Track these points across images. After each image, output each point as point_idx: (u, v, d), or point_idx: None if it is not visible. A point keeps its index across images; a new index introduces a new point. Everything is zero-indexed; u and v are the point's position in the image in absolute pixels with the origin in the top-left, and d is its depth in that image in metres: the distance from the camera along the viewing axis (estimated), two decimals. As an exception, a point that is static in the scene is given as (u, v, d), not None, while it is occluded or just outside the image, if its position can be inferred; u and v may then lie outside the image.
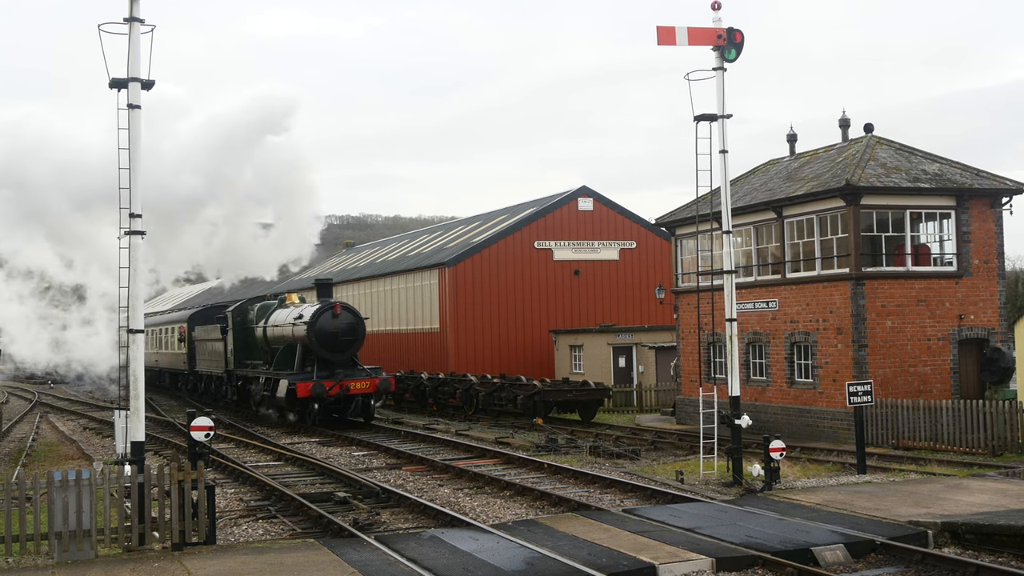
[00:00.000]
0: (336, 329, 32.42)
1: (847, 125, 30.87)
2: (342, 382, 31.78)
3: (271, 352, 36.01)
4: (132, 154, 14.52)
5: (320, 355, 32.26)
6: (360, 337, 33.26)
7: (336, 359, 32.53)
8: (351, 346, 33.00)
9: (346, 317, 32.93)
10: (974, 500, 15.47)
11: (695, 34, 19.04)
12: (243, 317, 38.97)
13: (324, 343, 32.30)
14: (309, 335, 32.23)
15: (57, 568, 12.62)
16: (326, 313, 32.48)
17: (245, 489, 20.02)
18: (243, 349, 38.57)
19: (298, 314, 33.51)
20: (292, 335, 33.84)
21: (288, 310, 35.32)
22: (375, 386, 32.61)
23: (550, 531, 14.02)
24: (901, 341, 26.22)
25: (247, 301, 40.32)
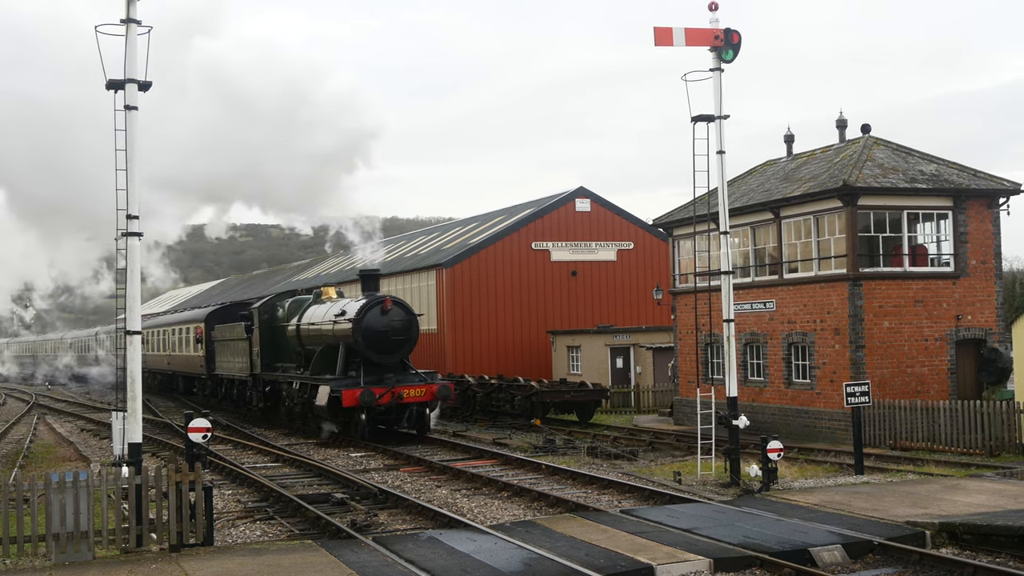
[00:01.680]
0: (386, 327, 28.14)
1: (844, 126, 30.89)
2: (394, 388, 27.38)
3: (305, 354, 31.84)
4: (129, 155, 14.51)
5: (367, 357, 27.99)
6: (413, 337, 28.93)
7: (385, 362, 28.21)
8: (403, 347, 28.64)
9: (397, 313, 28.62)
10: (971, 500, 15.48)
11: (692, 35, 19.05)
12: (271, 314, 34.77)
13: (372, 343, 28.00)
14: (355, 334, 27.87)
15: (54, 570, 12.61)
16: (374, 309, 28.16)
17: (243, 490, 20.01)
18: (271, 350, 34.45)
19: (340, 310, 29.28)
20: (333, 334, 29.51)
21: (326, 306, 31.16)
22: (432, 393, 28.10)
23: (548, 532, 14.02)
24: (898, 342, 26.24)
25: (275, 296, 36.10)
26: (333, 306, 30.32)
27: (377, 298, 28.63)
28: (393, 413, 28.08)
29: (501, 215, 52.77)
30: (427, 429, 28.48)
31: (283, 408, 32.52)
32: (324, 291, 33.00)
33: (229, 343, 38.73)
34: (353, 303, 29.11)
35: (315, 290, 33.95)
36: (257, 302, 37.10)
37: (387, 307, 28.27)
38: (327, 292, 32.91)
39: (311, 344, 31.38)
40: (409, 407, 27.91)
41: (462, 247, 46.72)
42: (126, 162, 14.50)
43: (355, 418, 27.22)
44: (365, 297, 29.08)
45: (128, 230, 14.53)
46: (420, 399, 27.92)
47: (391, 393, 27.29)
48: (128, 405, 14.49)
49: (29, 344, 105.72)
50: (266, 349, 34.50)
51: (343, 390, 26.82)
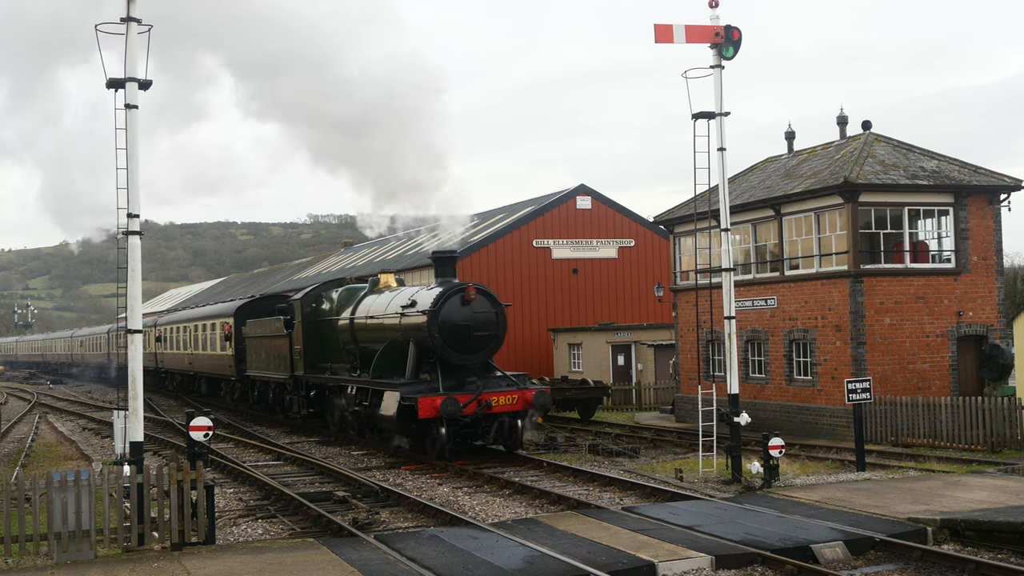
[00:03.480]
0: (468, 320, 23.16)
1: (845, 122, 30.87)
2: (481, 396, 22.54)
3: (361, 353, 27.03)
4: (130, 154, 14.50)
5: (444, 357, 23.02)
6: (501, 333, 23.79)
7: (468, 363, 23.26)
8: (488, 345, 23.51)
9: (482, 303, 23.48)
10: (973, 497, 15.47)
11: (692, 32, 19.03)
12: (316, 307, 30.23)
13: (452, 340, 23.01)
14: (429, 329, 22.87)
15: (56, 568, 12.61)
16: (453, 298, 23.16)
17: (244, 489, 20.01)
18: (316, 348, 29.85)
19: (408, 300, 24.38)
20: (400, 329, 24.54)
21: (387, 295, 26.43)
22: (527, 401, 23.05)
23: (549, 529, 14.02)
24: (900, 338, 26.23)
25: (320, 286, 31.20)
26: (397, 295, 25.62)
27: (456, 285, 23.56)
28: (479, 425, 23.05)
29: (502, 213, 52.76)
30: (519, 444, 23.45)
31: (332, 416, 28.61)
32: (382, 278, 28.61)
33: (263, 341, 34.22)
34: (425, 292, 24.21)
35: (370, 278, 29.50)
36: (297, 293, 32.35)
37: (470, 296, 23.17)
38: (385, 279, 28.56)
39: (369, 341, 26.63)
40: (498, 418, 22.99)
41: (464, 244, 46.70)
42: (127, 161, 14.49)
43: (432, 431, 22.34)
44: (440, 284, 23.99)
45: (129, 229, 14.53)
46: (511, 408, 22.96)
47: (478, 401, 22.43)
48: (129, 404, 14.49)
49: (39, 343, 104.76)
50: (310, 347, 29.96)
51: (419, 397, 21.88)
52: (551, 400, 24.24)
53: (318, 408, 29.67)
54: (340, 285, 30.36)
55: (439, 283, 24.04)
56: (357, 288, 29.13)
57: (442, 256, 24.77)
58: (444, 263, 24.65)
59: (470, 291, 23.21)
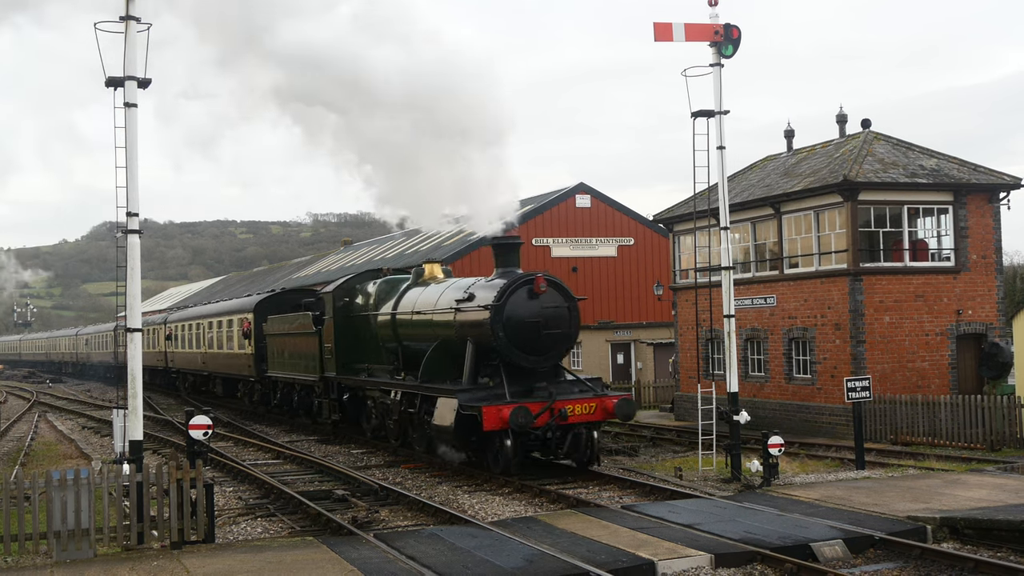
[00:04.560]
0: (537, 316, 19.90)
1: (844, 121, 30.88)
2: (555, 405, 19.28)
3: (404, 352, 23.88)
4: (129, 153, 14.51)
5: (510, 359, 19.91)
6: (574, 331, 20.63)
7: (537, 367, 20.12)
8: (559, 345, 20.40)
9: (552, 297, 20.22)
10: (972, 495, 15.48)
11: (692, 30, 19.02)
12: (349, 301, 27.02)
13: (518, 340, 19.81)
14: (493, 327, 19.70)
15: (56, 567, 12.61)
16: (520, 291, 19.92)
17: (244, 487, 20.02)
18: (350, 347, 26.63)
19: (465, 293, 21.10)
20: (454, 326, 21.21)
21: (435, 288, 23.12)
22: (608, 410, 19.80)
23: (549, 528, 14.02)
24: (899, 336, 26.24)
25: (354, 278, 27.91)
26: (449, 288, 22.29)
27: (522, 276, 20.20)
28: (550, 437, 19.68)
29: (501, 211, 52.74)
30: (595, 459, 20.27)
31: (369, 423, 25.70)
32: (427, 268, 25.01)
33: (287, 338, 31.20)
34: (484, 283, 20.96)
35: (413, 268, 25.73)
36: (328, 285, 29.23)
37: (539, 288, 19.93)
38: (431, 270, 24.93)
39: (415, 340, 23.44)
40: (572, 429, 19.78)
41: (462, 243, 46.69)
42: (126, 159, 14.50)
43: (497, 444, 19.25)
44: (502, 275, 20.64)
45: (128, 227, 14.54)
46: (588, 418, 19.70)
47: (552, 411, 19.19)
48: (129, 403, 14.49)
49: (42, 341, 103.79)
50: (343, 345, 26.78)
51: (484, 406, 18.70)
52: (634, 409, 20.63)
53: (351, 413, 26.67)
54: (377, 276, 27.10)
55: (500, 273, 20.76)
56: (398, 280, 25.81)
57: (504, 242, 21.09)
58: (507, 250, 21.04)
59: (539, 283, 19.91)
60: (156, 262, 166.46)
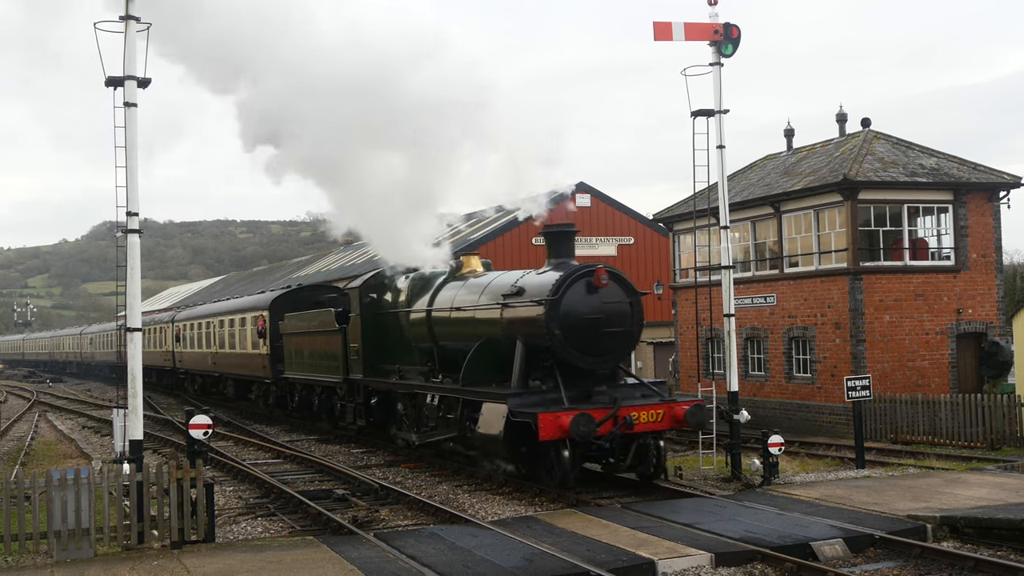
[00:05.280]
0: (597, 313, 17.84)
1: (844, 120, 30.89)
2: (620, 412, 17.08)
3: (440, 352, 21.89)
4: (129, 152, 14.52)
5: (566, 360, 17.79)
6: (637, 330, 18.57)
7: (597, 369, 18.05)
8: (621, 344, 18.37)
9: (613, 291, 18.13)
10: (973, 494, 15.48)
11: (692, 30, 19.02)
12: (376, 297, 25.02)
13: (576, 339, 17.73)
14: (548, 324, 17.63)
15: (56, 567, 12.62)
16: (577, 285, 17.89)
17: (244, 487, 20.03)
18: (378, 347, 24.57)
19: (513, 287, 19.15)
20: (500, 324, 19.25)
21: (477, 282, 21.14)
22: (677, 418, 17.63)
23: (549, 527, 14.03)
24: (899, 335, 26.24)
25: (382, 272, 25.70)
26: (493, 282, 20.44)
27: (579, 268, 18.20)
28: (612, 448, 17.65)
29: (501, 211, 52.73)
30: (661, 472, 18.11)
31: (399, 429, 23.55)
32: (466, 261, 23.02)
33: (307, 337, 29.11)
34: (534, 276, 19.06)
35: (450, 261, 23.55)
36: (354, 280, 27.05)
37: (599, 281, 17.85)
38: (469, 263, 22.89)
39: (453, 339, 21.42)
40: (636, 439, 17.67)
41: (462, 243, 46.68)
42: (126, 159, 14.51)
43: (553, 454, 17.03)
44: (556, 266, 18.73)
45: (128, 227, 14.55)
46: (655, 426, 17.50)
47: (617, 419, 16.99)
48: (129, 402, 14.50)
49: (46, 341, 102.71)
50: (370, 345, 24.65)
51: (540, 413, 16.43)
52: (708, 415, 18.64)
53: (381, 418, 24.51)
54: (409, 271, 24.91)
55: (554, 265, 18.83)
56: (433, 274, 23.71)
57: (558, 231, 19.21)
58: (560, 240, 19.08)
59: (600, 275, 17.78)
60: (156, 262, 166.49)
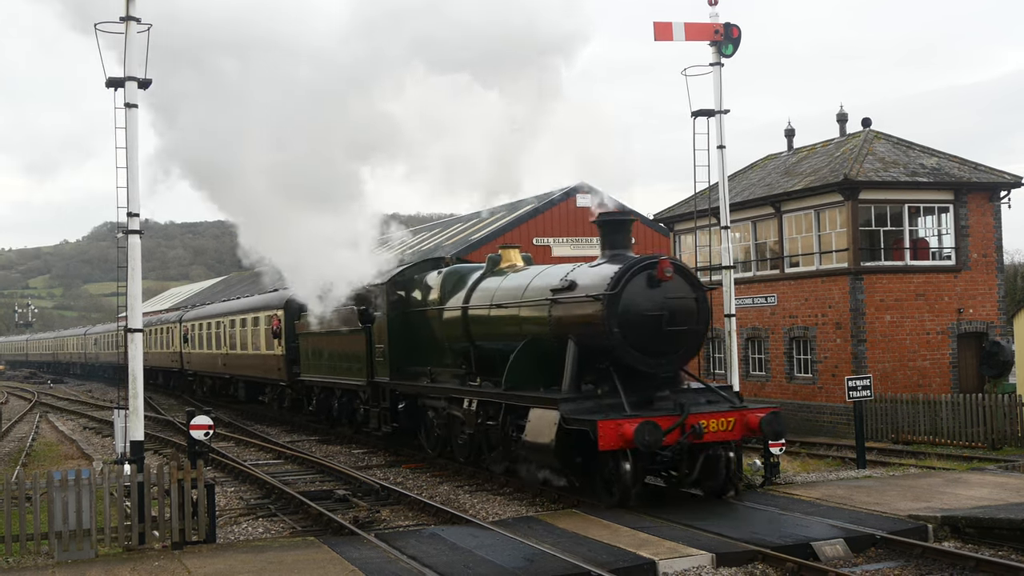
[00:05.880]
0: (661, 310, 16.01)
1: (845, 119, 30.89)
2: (689, 419, 15.24)
3: (478, 353, 20.09)
4: (130, 153, 14.53)
5: (626, 362, 16.00)
6: (703, 328, 16.77)
7: (659, 371, 16.28)
8: (687, 344, 16.60)
9: (678, 286, 16.31)
10: (974, 494, 15.47)
11: (692, 30, 19.02)
12: (404, 294, 23.14)
13: (637, 338, 15.94)
14: (606, 321, 15.84)
15: (57, 567, 12.62)
16: (638, 278, 16.02)
17: (245, 487, 20.02)
18: (407, 347, 22.83)
19: (563, 281, 17.29)
20: (549, 322, 17.39)
21: (519, 277, 19.41)
22: (751, 427, 15.83)
23: (550, 528, 14.02)
24: (900, 335, 26.24)
25: (411, 267, 24.09)
26: (539, 276, 18.71)
27: (639, 260, 16.30)
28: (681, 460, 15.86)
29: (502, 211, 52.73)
30: (732, 487, 16.11)
31: (429, 436, 21.96)
32: (503, 255, 21.16)
33: (326, 337, 27.41)
34: (587, 269, 17.28)
35: (488, 255, 21.95)
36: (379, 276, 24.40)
37: (663, 274, 15.96)
38: (509, 257, 21.09)
39: (492, 339, 19.65)
40: (705, 450, 15.74)
41: (463, 243, 46.67)
42: (127, 160, 14.51)
43: (612, 466, 15.30)
44: (611, 258, 16.95)
45: (129, 228, 14.56)
46: (726, 436, 15.64)
47: (685, 427, 15.16)
48: (130, 403, 14.50)
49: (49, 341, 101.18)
50: (398, 346, 22.91)
51: (600, 420, 14.80)
52: (783, 425, 16.67)
53: (409, 423, 22.71)
54: (437, 266, 23.29)
55: (609, 257, 17.03)
56: (467, 269, 22.11)
57: (613, 219, 17.45)
58: (616, 229, 17.32)
59: (664, 267, 15.93)
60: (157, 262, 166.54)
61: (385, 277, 23.59)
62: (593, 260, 17.78)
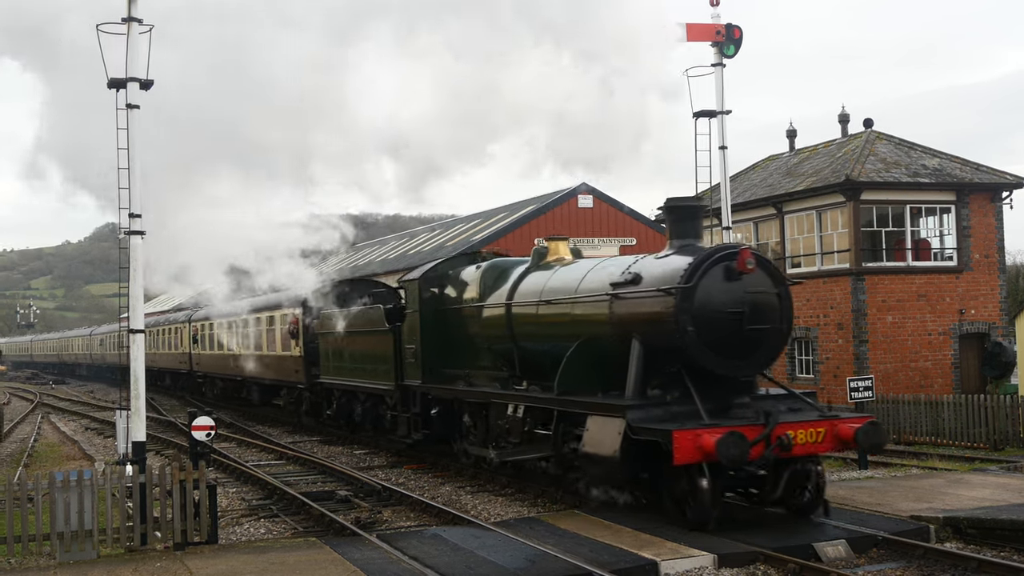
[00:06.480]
0: (741, 306, 14.25)
1: (846, 120, 30.89)
2: (776, 430, 13.43)
3: (522, 354, 18.43)
4: (131, 153, 14.54)
5: (701, 364, 14.24)
6: (787, 327, 15.09)
7: (738, 375, 14.70)
8: (770, 345, 14.80)
9: (759, 279, 14.51)
10: (976, 495, 15.46)
11: (693, 30, 19.03)
12: (437, 291, 21.34)
13: (713, 338, 14.21)
14: (679, 319, 14.08)
15: (59, 568, 12.62)
16: (715, 270, 14.26)
17: (247, 488, 20.03)
18: (440, 348, 21.01)
19: (625, 274, 15.41)
20: (610, 320, 15.58)
21: (571, 270, 17.54)
22: (843, 438, 14.03)
23: (551, 528, 14.01)
24: (902, 336, 26.22)
25: (444, 263, 22.15)
26: (595, 269, 16.82)
27: (717, 250, 14.56)
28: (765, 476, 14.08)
29: (503, 212, 52.75)
30: (820, 505, 14.13)
31: (463, 444, 20.33)
32: (551, 247, 19.17)
33: (349, 338, 25.77)
34: (652, 261, 15.53)
35: (534, 248, 19.82)
36: (411, 272, 23.14)
37: (744, 265, 14.12)
38: (556, 249, 19.05)
39: (539, 339, 17.94)
40: (792, 464, 13.92)
41: (465, 244, 46.69)
42: (128, 160, 14.53)
43: (685, 482, 13.55)
44: (682, 249, 15.11)
45: (131, 228, 14.58)
46: (815, 449, 13.88)
47: (772, 439, 13.36)
48: (132, 404, 14.52)
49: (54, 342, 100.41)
50: (430, 347, 21.14)
51: (676, 430, 13.01)
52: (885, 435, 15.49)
53: (442, 430, 20.99)
54: (472, 260, 21.52)
55: (678, 247, 15.23)
56: (509, 263, 20.30)
57: (682, 205, 15.52)
58: (685, 216, 15.44)
59: (745, 258, 14.10)
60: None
61: (417, 273, 22.06)
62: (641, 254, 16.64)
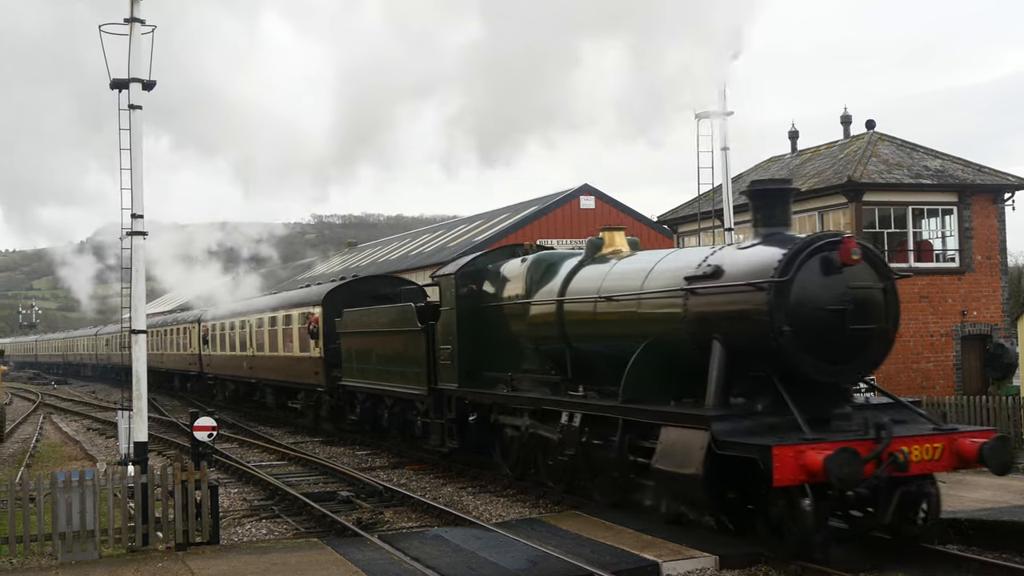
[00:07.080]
0: (843, 303, 12.30)
1: (848, 121, 30.88)
2: (892, 445, 11.50)
3: (575, 356, 16.68)
4: (133, 155, 14.56)
5: (797, 369, 12.32)
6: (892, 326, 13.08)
7: (840, 381, 12.84)
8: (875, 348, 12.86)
9: (862, 273, 12.58)
10: (977, 496, 15.46)
11: (696, 31, 19.00)
12: (475, 288, 19.54)
13: (812, 340, 12.24)
14: (772, 317, 12.16)
15: (61, 569, 12.64)
16: (813, 260, 12.28)
17: (248, 489, 20.06)
18: (479, 349, 19.21)
19: (703, 267, 13.53)
20: (683, 318, 13.71)
21: (633, 262, 15.81)
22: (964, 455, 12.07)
23: (553, 529, 14.02)
24: (904, 337, 26.20)
25: (483, 256, 20.50)
26: (664, 261, 14.95)
27: (816, 239, 12.58)
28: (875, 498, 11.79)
29: (505, 213, 52.79)
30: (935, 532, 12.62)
31: (507, 456, 18.84)
32: (607, 238, 17.17)
33: (374, 338, 24.00)
34: (734, 251, 13.59)
35: (588, 240, 17.68)
36: (445, 267, 21.34)
37: (848, 256, 12.18)
38: (613, 240, 17.13)
39: (595, 339, 16.16)
40: (904, 485, 11.84)
41: (467, 245, 46.70)
42: (130, 161, 14.55)
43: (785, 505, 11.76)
44: (766, 237, 13.23)
45: (133, 229, 14.60)
46: (932, 467, 12.07)
47: (885, 456, 11.50)
48: (134, 404, 14.53)
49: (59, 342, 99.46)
50: (467, 348, 19.35)
51: (775, 447, 11.07)
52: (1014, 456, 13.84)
53: (481, 439, 19.45)
54: (514, 254, 19.62)
55: (765, 237, 13.25)
56: (557, 256, 18.36)
57: (770, 188, 13.60)
58: (774, 201, 13.49)
59: (849, 247, 12.18)
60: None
61: (453, 267, 20.36)
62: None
